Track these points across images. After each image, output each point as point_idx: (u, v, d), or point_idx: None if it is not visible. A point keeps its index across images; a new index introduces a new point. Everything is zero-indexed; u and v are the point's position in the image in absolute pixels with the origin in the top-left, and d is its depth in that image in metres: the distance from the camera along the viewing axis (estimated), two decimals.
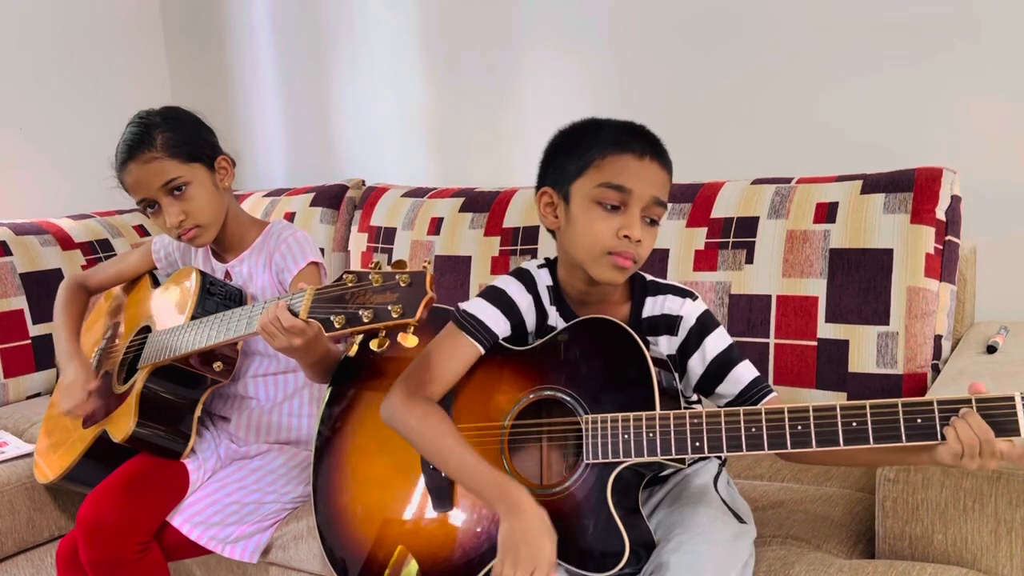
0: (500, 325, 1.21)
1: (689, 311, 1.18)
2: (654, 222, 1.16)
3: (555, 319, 1.24)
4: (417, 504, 1.23)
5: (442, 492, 1.20)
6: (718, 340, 1.17)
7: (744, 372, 1.16)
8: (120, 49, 2.86)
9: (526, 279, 1.25)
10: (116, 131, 1.49)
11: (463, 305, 1.23)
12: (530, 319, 1.24)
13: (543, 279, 1.25)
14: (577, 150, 1.16)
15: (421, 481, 1.23)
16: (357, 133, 2.64)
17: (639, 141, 1.15)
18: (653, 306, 1.20)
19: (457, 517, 1.19)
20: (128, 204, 2.50)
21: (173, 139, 1.45)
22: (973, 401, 0.93)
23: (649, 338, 1.20)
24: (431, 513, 1.21)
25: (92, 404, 1.49)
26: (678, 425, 1.05)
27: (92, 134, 1.96)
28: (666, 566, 1.05)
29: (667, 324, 1.19)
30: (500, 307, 1.22)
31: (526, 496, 1.08)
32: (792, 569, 1.11)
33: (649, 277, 1.24)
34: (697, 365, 1.17)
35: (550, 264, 1.26)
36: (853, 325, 1.53)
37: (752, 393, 1.16)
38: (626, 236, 1.12)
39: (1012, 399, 0.91)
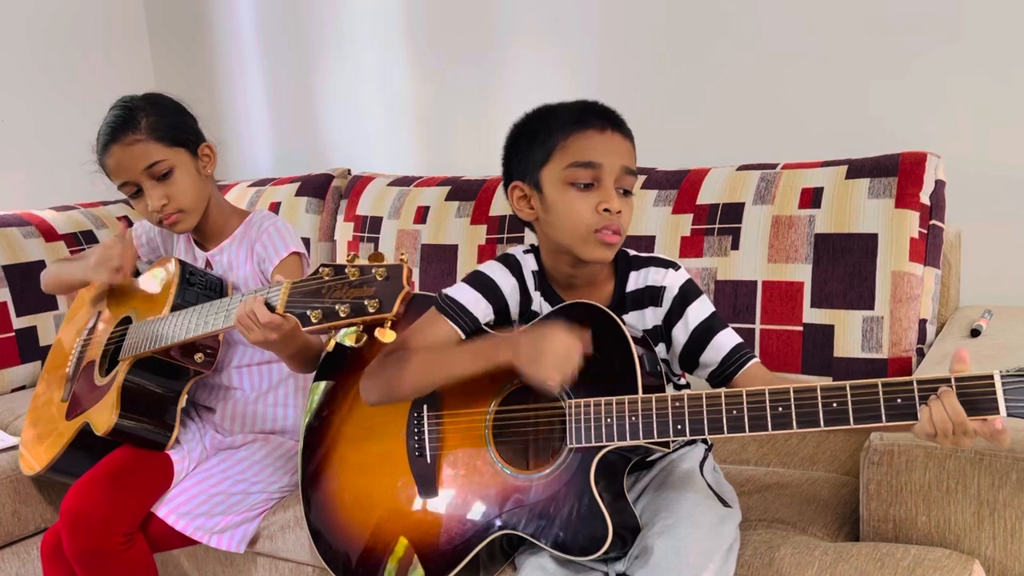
0: (481, 308, 1.21)
1: (672, 281, 1.19)
2: (627, 192, 1.16)
3: (539, 304, 1.24)
4: (404, 490, 1.22)
5: (427, 478, 1.20)
6: (701, 308, 1.18)
7: (726, 339, 1.17)
8: (103, 40, 2.83)
9: (511, 263, 1.25)
10: (98, 123, 1.48)
11: (445, 290, 1.23)
12: (514, 303, 1.24)
13: (528, 264, 1.25)
14: (538, 138, 1.17)
15: (407, 468, 1.23)
16: (342, 122, 2.62)
17: (596, 116, 1.16)
18: (637, 280, 1.21)
19: (442, 502, 1.19)
20: (112, 195, 2.49)
21: (158, 123, 1.44)
22: (953, 380, 0.93)
23: (635, 311, 1.20)
24: (418, 499, 1.21)
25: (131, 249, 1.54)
26: (660, 408, 1.05)
27: (75, 126, 1.94)
28: (651, 550, 1.05)
29: (651, 295, 1.19)
30: (481, 290, 1.22)
31: (510, 334, 1.11)
32: (777, 552, 1.12)
33: (632, 252, 1.24)
34: (681, 334, 1.18)
35: (535, 250, 1.26)
36: (838, 310, 1.53)
37: (735, 359, 1.16)
38: (606, 209, 1.12)
39: (991, 377, 0.91)
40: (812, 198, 1.58)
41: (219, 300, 1.33)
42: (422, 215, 2.03)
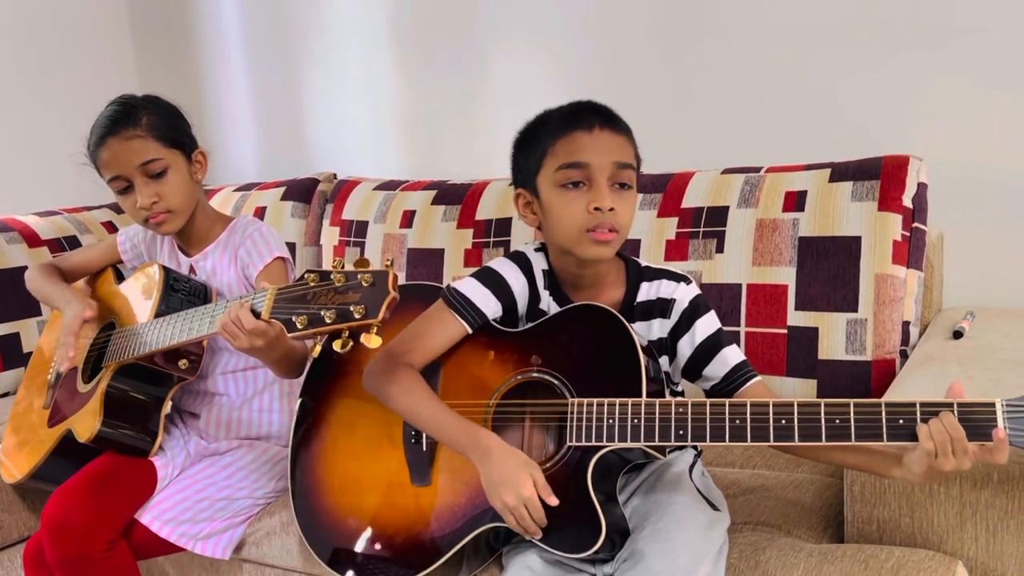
0: (490, 306, 1.22)
1: (682, 295, 1.20)
2: (625, 186, 1.17)
3: (547, 303, 1.24)
4: (395, 477, 1.22)
5: (421, 465, 1.21)
6: (708, 323, 1.19)
7: (731, 355, 1.18)
8: (85, 44, 2.81)
9: (522, 261, 1.25)
10: (82, 127, 1.47)
11: (454, 284, 1.24)
12: (523, 301, 1.25)
13: (539, 263, 1.25)
14: (532, 145, 1.19)
15: (401, 455, 1.23)
16: (328, 126, 2.61)
17: (586, 116, 1.17)
18: (648, 291, 1.22)
19: (434, 490, 1.19)
20: (96, 200, 2.48)
21: (158, 122, 1.45)
22: (955, 406, 0.94)
23: (642, 322, 1.21)
24: (409, 486, 1.21)
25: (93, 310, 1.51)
26: (663, 412, 1.05)
27: (58, 130, 1.94)
28: (640, 553, 1.06)
29: (661, 308, 1.20)
30: (491, 288, 1.22)
31: (495, 440, 1.11)
32: (763, 555, 1.12)
33: (644, 263, 1.25)
34: (686, 347, 1.19)
35: (545, 248, 1.26)
36: (822, 312, 1.54)
37: (737, 376, 1.17)
38: (596, 208, 1.13)
39: (992, 405, 0.93)
40: (796, 201, 1.59)
41: (204, 306, 1.33)
42: (408, 219, 2.03)
